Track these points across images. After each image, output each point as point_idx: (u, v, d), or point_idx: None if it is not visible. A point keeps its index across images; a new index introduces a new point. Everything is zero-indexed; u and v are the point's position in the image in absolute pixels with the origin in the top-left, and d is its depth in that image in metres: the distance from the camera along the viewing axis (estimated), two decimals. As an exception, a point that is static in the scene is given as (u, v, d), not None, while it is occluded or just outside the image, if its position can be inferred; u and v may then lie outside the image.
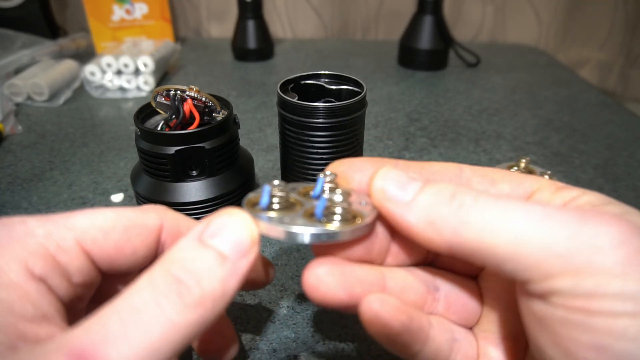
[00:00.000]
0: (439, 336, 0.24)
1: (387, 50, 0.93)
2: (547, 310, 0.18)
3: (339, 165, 0.26)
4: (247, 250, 0.20)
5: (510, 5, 1.02)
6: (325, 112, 0.34)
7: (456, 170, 0.25)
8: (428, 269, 0.26)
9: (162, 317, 0.17)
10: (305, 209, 0.23)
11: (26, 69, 0.74)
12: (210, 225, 0.20)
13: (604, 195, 0.22)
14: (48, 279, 0.19)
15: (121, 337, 0.16)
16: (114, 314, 0.17)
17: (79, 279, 0.21)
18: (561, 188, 0.23)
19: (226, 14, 1.04)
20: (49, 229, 0.20)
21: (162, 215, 0.24)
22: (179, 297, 0.17)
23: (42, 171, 0.52)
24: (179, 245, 0.20)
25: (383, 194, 0.22)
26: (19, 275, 0.18)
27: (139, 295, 0.17)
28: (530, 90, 0.77)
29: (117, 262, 0.22)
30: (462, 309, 0.26)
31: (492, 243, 0.18)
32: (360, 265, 0.24)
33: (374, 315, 0.22)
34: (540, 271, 0.17)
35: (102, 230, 0.21)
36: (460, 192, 0.20)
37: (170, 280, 0.18)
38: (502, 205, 0.19)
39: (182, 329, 0.17)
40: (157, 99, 0.38)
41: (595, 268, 0.16)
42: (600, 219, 0.17)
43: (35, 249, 0.19)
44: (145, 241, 0.23)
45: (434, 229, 0.20)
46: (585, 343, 0.16)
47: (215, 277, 0.19)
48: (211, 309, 0.18)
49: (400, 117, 0.67)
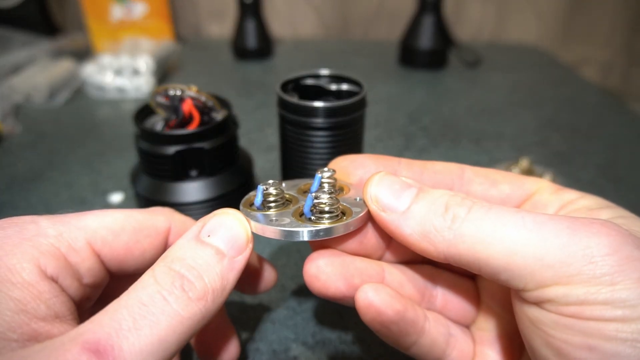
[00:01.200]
0: (434, 330, 0.24)
1: (387, 50, 0.93)
2: (539, 315, 0.18)
3: (341, 161, 0.26)
4: (243, 247, 0.21)
5: (511, 5, 1.02)
6: (325, 112, 0.34)
7: (458, 171, 0.25)
8: (427, 266, 0.26)
9: (169, 310, 0.18)
10: (296, 207, 0.24)
11: (25, 68, 0.74)
12: (206, 225, 0.21)
13: (601, 198, 0.22)
14: (59, 279, 0.20)
15: (132, 329, 0.17)
16: (123, 308, 0.17)
17: (89, 280, 0.21)
18: (560, 190, 0.23)
19: (226, 14, 1.04)
20: (60, 229, 0.21)
21: (169, 218, 0.25)
22: (183, 291, 0.18)
23: (41, 171, 0.52)
24: (178, 244, 0.20)
25: (377, 204, 0.22)
26: (32, 275, 0.19)
27: (144, 291, 0.18)
28: (531, 89, 0.77)
29: (126, 263, 0.23)
30: (459, 307, 0.26)
31: (486, 255, 0.18)
32: (360, 258, 0.24)
33: (369, 302, 0.22)
34: (533, 281, 0.18)
35: (112, 232, 0.22)
36: (454, 203, 0.20)
37: (174, 276, 0.19)
38: (494, 216, 0.19)
39: (187, 321, 0.18)
40: (156, 99, 0.38)
41: (585, 277, 0.17)
42: (590, 228, 0.17)
43: (47, 249, 0.20)
44: (154, 243, 0.23)
45: (429, 242, 0.20)
46: (577, 344, 0.17)
47: (215, 272, 0.20)
48: (212, 302, 0.19)
49: (400, 117, 0.66)
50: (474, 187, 0.25)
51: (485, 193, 0.25)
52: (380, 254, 0.25)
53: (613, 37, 1.03)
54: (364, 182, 0.24)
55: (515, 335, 0.24)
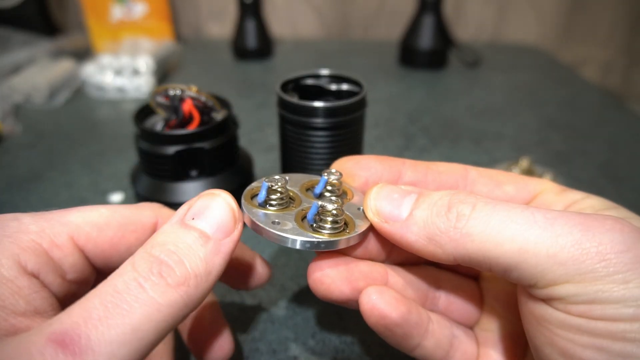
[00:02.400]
0: (438, 331, 0.24)
1: (387, 50, 0.93)
2: (546, 313, 0.18)
3: (345, 162, 0.26)
4: (230, 229, 0.20)
5: (511, 5, 1.02)
6: (325, 112, 0.34)
7: (462, 171, 0.25)
8: (430, 268, 0.26)
9: (143, 297, 0.17)
10: (299, 209, 0.23)
11: (25, 68, 0.74)
12: (192, 208, 0.20)
13: (606, 199, 0.22)
14: (41, 275, 0.19)
15: (102, 318, 0.16)
16: (95, 297, 0.16)
17: (72, 275, 0.21)
18: (564, 191, 0.23)
19: (226, 14, 1.04)
20: (42, 225, 0.20)
21: (157, 212, 0.24)
22: (161, 277, 0.17)
23: (41, 171, 0.52)
24: (162, 229, 0.20)
25: (379, 216, 0.21)
26: (11, 271, 0.18)
27: (120, 279, 0.17)
28: (531, 89, 0.77)
29: (112, 258, 0.22)
30: (462, 308, 0.26)
31: (496, 253, 0.18)
32: (364, 261, 0.24)
33: (373, 305, 0.22)
34: (545, 279, 0.17)
35: (96, 227, 0.22)
36: (456, 201, 0.20)
37: (152, 261, 0.18)
38: (502, 213, 0.18)
39: (165, 308, 0.17)
40: (156, 99, 0.38)
41: (598, 275, 0.16)
42: (604, 224, 0.17)
43: (27, 245, 0.19)
44: (140, 238, 0.23)
45: (436, 245, 0.20)
46: (584, 344, 0.17)
47: (198, 256, 0.18)
48: (195, 287, 0.18)
49: (400, 117, 0.66)
50: (479, 188, 0.25)
51: (489, 194, 0.25)
52: (383, 257, 0.25)
53: (613, 37, 1.03)
54: (369, 183, 0.24)
55: (518, 336, 0.24)
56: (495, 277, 0.26)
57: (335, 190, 0.24)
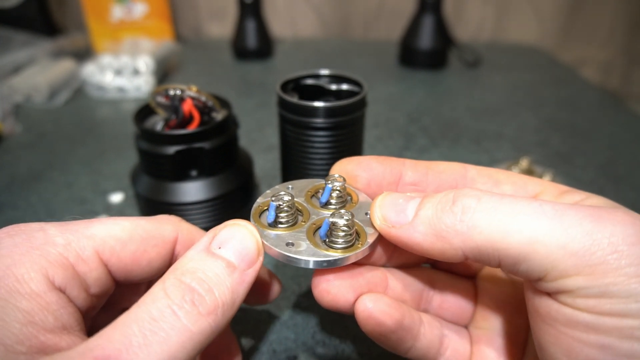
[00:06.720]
0: (429, 332, 0.24)
1: (387, 50, 0.93)
2: (552, 308, 0.18)
3: (346, 164, 0.26)
4: (254, 259, 0.21)
5: (511, 5, 1.02)
6: (325, 112, 0.34)
7: (462, 170, 0.25)
8: (426, 269, 0.26)
9: (179, 326, 0.17)
10: (310, 223, 0.23)
11: (25, 68, 0.74)
12: (217, 236, 0.21)
13: (608, 199, 0.22)
14: (67, 290, 0.19)
15: (142, 346, 0.16)
16: (133, 323, 0.17)
17: (96, 290, 0.21)
18: (565, 192, 0.23)
19: (226, 14, 1.04)
20: (69, 238, 0.20)
21: (177, 227, 0.24)
22: (193, 305, 0.18)
23: (41, 171, 0.52)
24: (188, 255, 0.20)
25: (385, 223, 0.22)
26: (40, 285, 0.18)
27: (154, 305, 0.18)
28: (531, 89, 0.77)
29: (133, 272, 0.22)
30: (456, 307, 0.26)
31: (505, 245, 0.18)
32: (366, 267, 0.24)
33: (369, 314, 0.22)
34: (555, 270, 0.17)
35: (120, 241, 0.21)
36: (461, 195, 0.19)
37: (185, 289, 0.18)
38: (509, 205, 0.18)
39: (197, 336, 0.18)
40: (156, 99, 0.38)
41: (609, 267, 0.16)
42: (615, 216, 0.17)
43: (55, 259, 0.19)
44: (161, 252, 0.23)
45: (444, 241, 0.19)
46: (589, 341, 0.16)
47: (226, 285, 0.19)
48: (222, 316, 0.19)
49: (400, 117, 0.66)
50: (477, 187, 0.25)
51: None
52: (384, 261, 0.25)
53: (613, 37, 1.03)
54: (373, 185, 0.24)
55: (516, 335, 0.24)
56: (493, 277, 0.26)
57: (340, 196, 0.25)
